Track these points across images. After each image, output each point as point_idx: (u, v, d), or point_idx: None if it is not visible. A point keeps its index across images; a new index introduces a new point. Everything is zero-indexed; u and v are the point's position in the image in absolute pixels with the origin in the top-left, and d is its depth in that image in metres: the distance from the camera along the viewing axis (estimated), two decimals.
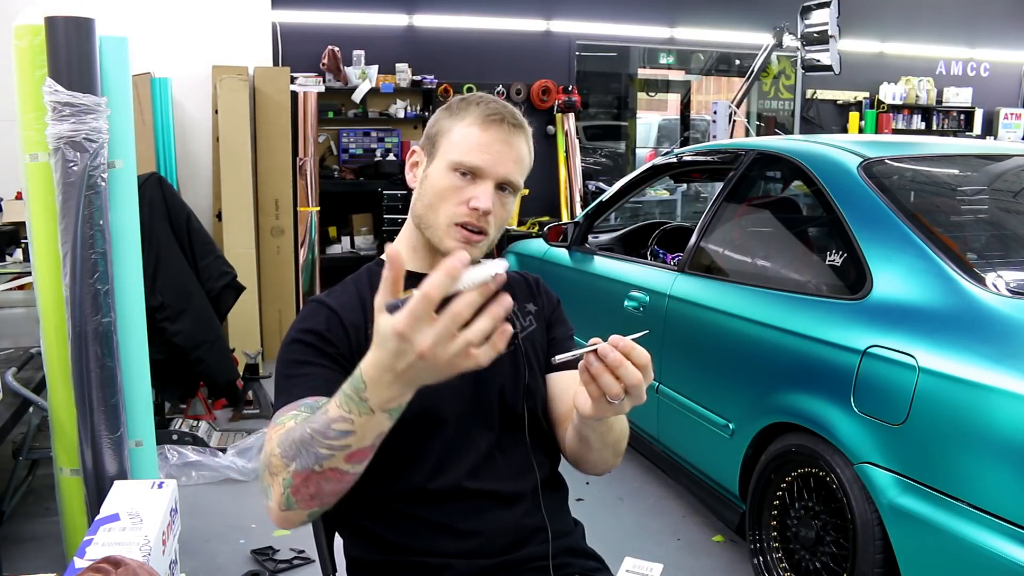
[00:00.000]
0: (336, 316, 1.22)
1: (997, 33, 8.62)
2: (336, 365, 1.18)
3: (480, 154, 1.21)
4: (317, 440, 0.97)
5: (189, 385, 3.86)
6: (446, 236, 1.23)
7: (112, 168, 2.24)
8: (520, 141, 1.25)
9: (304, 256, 5.37)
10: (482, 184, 1.22)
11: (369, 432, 0.96)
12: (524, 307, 1.37)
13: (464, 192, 1.22)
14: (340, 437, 0.96)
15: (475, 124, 1.23)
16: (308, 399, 1.13)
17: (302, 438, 0.99)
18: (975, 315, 1.93)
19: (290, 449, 1.00)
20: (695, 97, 8.95)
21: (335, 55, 5.81)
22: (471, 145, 1.22)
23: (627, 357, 1.00)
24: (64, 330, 2.22)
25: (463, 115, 1.25)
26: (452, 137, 1.24)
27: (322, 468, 0.98)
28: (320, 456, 0.97)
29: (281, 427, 1.08)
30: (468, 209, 1.21)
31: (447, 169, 1.23)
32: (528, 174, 1.29)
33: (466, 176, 1.22)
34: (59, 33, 2.11)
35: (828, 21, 5.93)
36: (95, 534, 1.21)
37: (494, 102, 1.26)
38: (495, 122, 1.22)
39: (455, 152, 1.22)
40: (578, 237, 3.82)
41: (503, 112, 1.24)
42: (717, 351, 2.70)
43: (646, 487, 3.35)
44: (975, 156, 2.95)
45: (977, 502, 1.75)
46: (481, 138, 1.22)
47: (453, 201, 1.22)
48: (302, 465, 0.99)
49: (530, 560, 1.24)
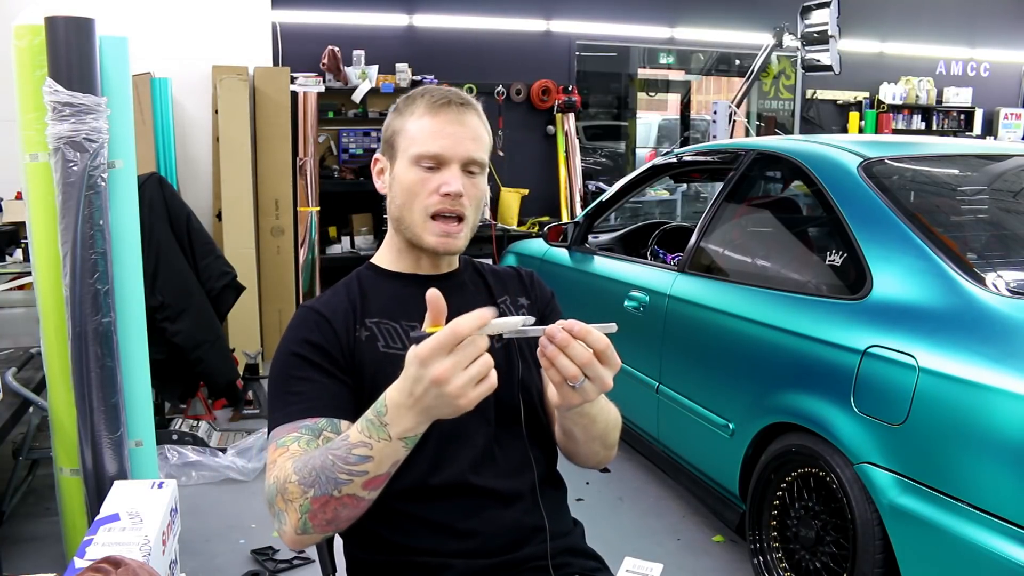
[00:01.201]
0: (327, 322, 1.23)
1: (997, 33, 8.62)
2: (331, 375, 1.20)
3: (437, 140, 1.23)
4: (338, 466, 1.01)
5: (189, 385, 3.86)
6: (424, 232, 1.25)
7: (112, 168, 2.24)
8: (472, 119, 1.26)
9: (304, 256, 5.37)
10: (447, 169, 1.23)
11: (386, 459, 1.01)
12: (517, 301, 1.38)
13: (432, 182, 1.23)
14: (359, 462, 1.00)
15: (425, 114, 1.25)
16: (307, 420, 1.15)
17: (323, 464, 1.03)
18: (975, 315, 1.93)
19: (309, 476, 1.03)
20: (695, 97, 8.94)
21: (335, 55, 5.80)
22: (427, 135, 1.23)
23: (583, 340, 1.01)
24: (64, 330, 2.22)
25: (412, 109, 1.27)
26: (407, 133, 1.26)
27: (340, 494, 1.02)
28: (340, 482, 1.01)
29: (285, 450, 1.11)
30: (440, 196, 1.23)
31: (410, 165, 1.25)
32: (490, 152, 1.31)
33: (431, 167, 1.24)
34: (59, 33, 2.11)
35: (828, 21, 5.93)
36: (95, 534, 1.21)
37: (438, 89, 1.28)
38: (443, 106, 1.24)
39: (414, 146, 1.24)
40: (578, 237, 3.82)
41: (448, 95, 1.26)
42: (717, 351, 2.70)
43: (646, 487, 3.35)
44: (975, 156, 2.95)
45: (977, 502, 1.75)
46: (434, 125, 1.23)
47: (423, 193, 1.24)
48: (321, 491, 1.02)
49: (529, 560, 1.24)
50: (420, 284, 1.31)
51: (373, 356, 1.23)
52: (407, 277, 1.32)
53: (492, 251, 6.06)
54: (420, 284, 1.31)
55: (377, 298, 1.28)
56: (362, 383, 1.22)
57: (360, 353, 1.22)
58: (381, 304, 1.28)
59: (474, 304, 1.33)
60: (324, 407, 1.17)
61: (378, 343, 1.24)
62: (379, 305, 1.28)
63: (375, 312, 1.27)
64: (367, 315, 1.26)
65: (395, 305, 1.28)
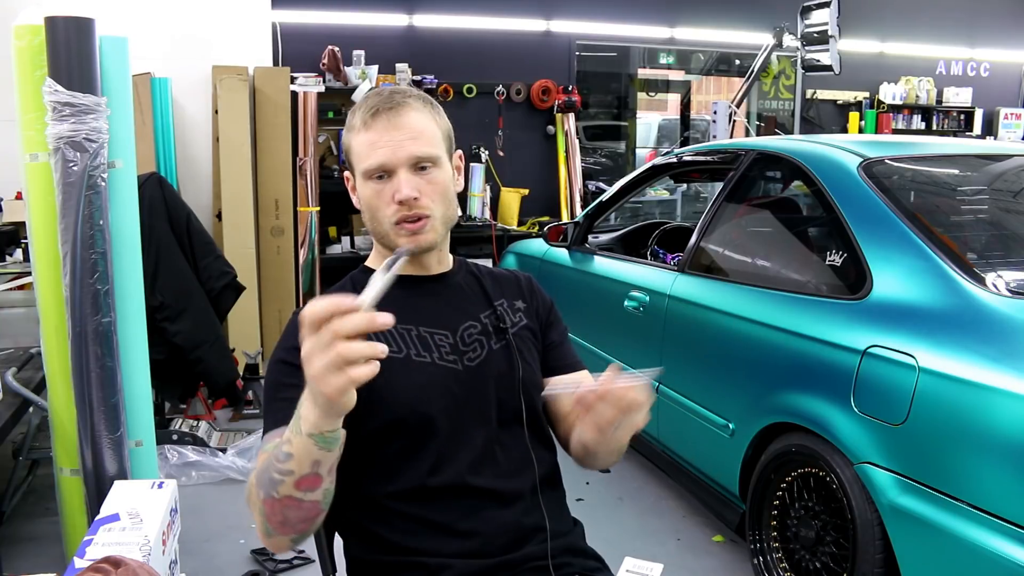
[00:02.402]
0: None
1: (997, 33, 8.62)
2: None
3: (375, 152, 1.23)
4: (272, 465, 1.02)
5: (189, 385, 3.85)
6: (395, 237, 1.26)
7: (112, 168, 2.24)
8: (408, 117, 1.25)
9: (304, 256, 5.36)
10: (396, 177, 1.24)
11: (305, 457, 0.98)
12: (513, 304, 1.38)
13: (385, 193, 1.24)
14: (285, 460, 1.00)
15: (362, 128, 1.25)
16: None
17: (266, 465, 1.04)
18: (975, 315, 1.93)
19: (259, 478, 1.05)
20: (695, 97, 8.94)
21: (335, 55, 5.80)
22: (367, 148, 1.24)
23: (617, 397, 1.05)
24: (64, 330, 2.22)
25: (352, 124, 1.28)
26: (354, 151, 1.27)
27: (279, 495, 1.02)
28: (275, 482, 1.01)
29: (267, 455, 1.10)
30: (396, 205, 1.23)
31: (364, 180, 1.26)
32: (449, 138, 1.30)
33: (382, 177, 1.24)
34: (59, 33, 2.11)
35: (828, 21, 5.92)
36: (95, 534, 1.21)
37: (373, 96, 1.27)
38: (374, 116, 1.24)
39: (360, 162, 1.26)
40: (578, 237, 3.82)
41: (377, 104, 1.25)
42: (717, 351, 2.70)
43: (646, 487, 3.35)
44: (975, 156, 2.95)
45: (977, 502, 1.75)
46: (370, 137, 1.24)
47: (382, 205, 1.25)
48: (265, 493, 1.04)
49: (529, 560, 1.24)
50: (416, 285, 1.31)
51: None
52: (402, 279, 1.32)
53: (492, 251, 6.06)
54: (416, 285, 1.31)
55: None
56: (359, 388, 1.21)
57: None
58: (377, 307, 1.27)
59: (468, 305, 1.34)
60: None
61: None
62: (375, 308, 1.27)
63: None
64: None
65: (391, 307, 1.27)
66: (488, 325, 1.32)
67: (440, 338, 1.28)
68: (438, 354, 1.26)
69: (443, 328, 1.29)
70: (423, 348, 1.26)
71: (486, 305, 1.35)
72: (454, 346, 1.28)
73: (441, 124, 1.29)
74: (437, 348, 1.27)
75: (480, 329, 1.31)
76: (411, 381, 1.23)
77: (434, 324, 1.29)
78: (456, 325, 1.30)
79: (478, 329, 1.31)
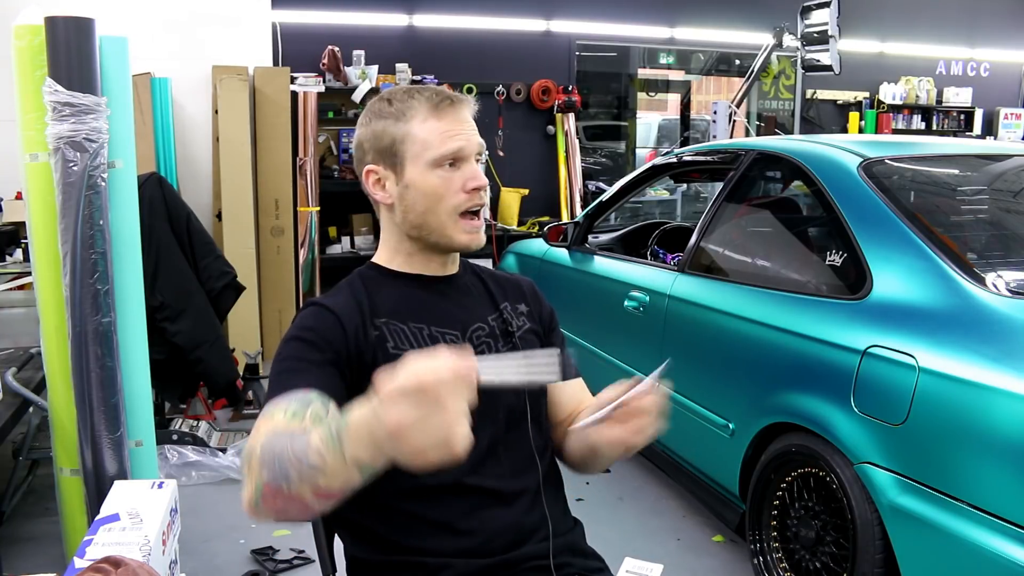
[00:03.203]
0: (336, 318, 1.22)
1: (997, 33, 8.61)
2: (334, 368, 1.18)
3: (453, 140, 1.24)
4: (292, 462, 0.94)
5: (189, 385, 3.85)
6: (455, 232, 1.26)
7: (112, 168, 2.24)
8: (468, 111, 1.29)
9: (304, 256, 5.36)
10: (466, 164, 1.25)
11: (337, 477, 0.93)
12: (516, 307, 1.39)
13: (455, 180, 1.24)
14: (311, 470, 0.93)
15: (430, 116, 1.25)
16: (299, 392, 1.10)
17: (282, 453, 0.95)
18: (975, 315, 1.93)
19: (268, 458, 0.96)
20: (695, 97, 8.95)
21: (335, 55, 5.80)
22: (440, 136, 1.24)
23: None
24: (64, 330, 2.22)
25: (411, 114, 1.25)
26: (415, 139, 1.24)
27: (289, 491, 0.95)
28: (290, 478, 0.94)
29: (270, 419, 1.05)
30: (467, 193, 1.24)
31: (430, 169, 1.24)
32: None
33: (451, 165, 1.25)
34: (59, 33, 2.11)
35: (828, 21, 5.92)
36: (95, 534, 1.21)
37: (426, 89, 1.29)
38: (446, 106, 1.25)
39: (429, 150, 1.24)
40: (578, 237, 3.81)
41: (444, 93, 1.27)
42: (717, 351, 2.70)
43: (646, 487, 3.34)
44: (975, 156, 2.95)
45: (977, 502, 1.75)
46: (443, 125, 1.24)
47: (450, 193, 1.24)
48: (272, 479, 0.95)
49: (530, 559, 1.24)
50: (426, 285, 1.31)
51: (384, 356, 1.22)
52: (412, 278, 1.32)
53: (492, 251, 6.06)
54: (426, 285, 1.31)
55: (384, 298, 1.28)
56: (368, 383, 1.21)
57: (369, 353, 1.22)
58: (389, 305, 1.27)
59: (475, 306, 1.34)
60: (318, 384, 1.13)
61: (387, 344, 1.23)
62: (387, 306, 1.27)
63: (383, 312, 1.26)
64: (376, 315, 1.25)
65: (403, 306, 1.28)
66: (495, 328, 1.33)
67: (451, 338, 1.28)
68: None
69: (453, 328, 1.29)
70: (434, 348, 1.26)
71: (492, 308, 1.35)
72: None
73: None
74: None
75: (488, 331, 1.31)
76: None
77: (444, 324, 1.28)
78: (465, 327, 1.30)
79: (486, 331, 1.31)
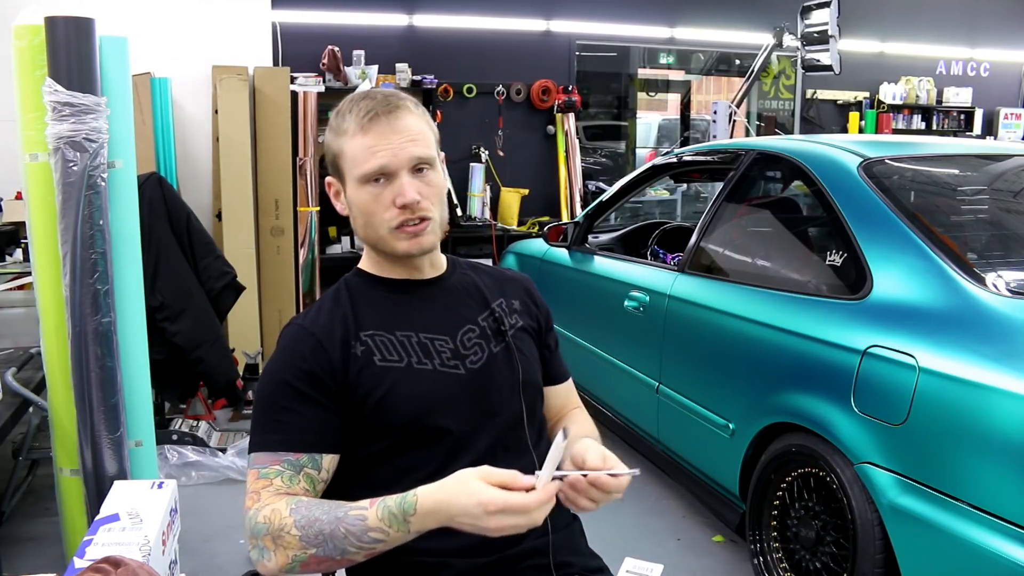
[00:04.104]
0: (319, 345, 1.22)
1: (997, 33, 8.61)
2: (318, 405, 1.20)
3: (377, 156, 1.21)
4: (350, 540, 1.07)
5: (189, 385, 3.85)
6: (394, 242, 1.24)
7: (112, 168, 2.24)
8: (405, 120, 1.23)
9: (304, 256, 5.36)
10: (397, 180, 1.22)
11: (398, 543, 1.08)
12: (511, 304, 1.38)
13: (385, 196, 1.22)
14: (372, 543, 1.07)
15: (357, 132, 1.22)
16: (289, 455, 1.17)
17: (332, 533, 1.07)
18: (975, 315, 1.93)
19: (314, 537, 1.08)
20: (695, 97, 8.94)
21: (335, 55, 5.80)
22: (364, 152, 1.21)
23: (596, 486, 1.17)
24: (64, 330, 2.22)
25: (344, 128, 1.24)
26: (347, 156, 1.24)
27: (342, 558, 1.09)
28: (347, 552, 1.08)
29: (268, 482, 1.15)
30: (398, 210, 1.22)
31: (360, 185, 1.23)
32: (438, 141, 1.29)
33: (379, 181, 1.22)
34: (59, 33, 2.11)
35: (828, 21, 5.92)
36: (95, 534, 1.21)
37: (364, 99, 1.25)
38: (372, 119, 1.22)
39: (356, 167, 1.23)
40: (578, 237, 3.81)
41: (374, 107, 1.23)
42: (717, 351, 2.70)
43: (646, 487, 3.34)
44: (975, 156, 2.95)
45: (977, 502, 1.75)
46: (368, 141, 1.21)
47: (381, 209, 1.23)
48: (324, 553, 1.08)
49: (529, 558, 1.24)
50: (409, 290, 1.31)
51: (370, 371, 1.22)
52: (396, 283, 1.31)
53: (492, 251, 6.06)
54: (409, 290, 1.31)
55: (369, 310, 1.27)
56: (359, 399, 1.21)
57: (355, 370, 1.22)
58: (374, 316, 1.27)
59: (464, 308, 1.33)
60: (306, 442, 1.18)
61: (374, 357, 1.23)
62: (372, 318, 1.27)
63: (369, 325, 1.25)
64: (361, 328, 1.25)
65: (389, 316, 1.27)
66: (487, 328, 1.32)
67: (440, 344, 1.27)
68: (439, 360, 1.25)
69: (442, 333, 1.28)
70: (424, 355, 1.25)
71: (483, 307, 1.34)
72: (455, 351, 1.27)
73: (432, 126, 1.29)
74: (438, 354, 1.26)
75: (479, 333, 1.31)
76: (413, 391, 1.22)
77: (433, 330, 1.27)
78: (455, 330, 1.29)
79: (477, 333, 1.30)
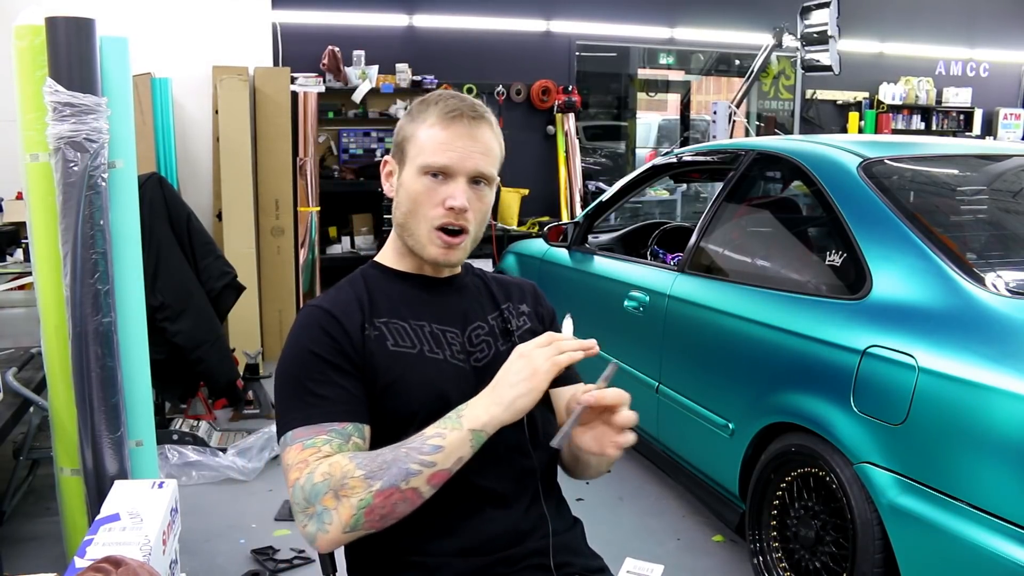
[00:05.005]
0: (336, 320, 1.23)
1: (997, 33, 8.62)
2: (350, 375, 1.20)
3: (446, 152, 1.22)
4: (411, 456, 1.09)
5: (189, 385, 3.85)
6: (428, 243, 1.25)
7: (112, 168, 2.24)
8: (484, 132, 1.25)
9: (304, 256, 5.36)
10: (454, 182, 1.23)
11: (455, 451, 1.10)
12: (518, 307, 1.40)
13: (438, 193, 1.23)
14: (432, 452, 1.09)
15: (436, 124, 1.24)
16: (335, 425, 1.16)
17: (395, 457, 1.10)
18: (975, 315, 1.93)
19: (378, 469, 1.09)
20: (695, 97, 8.94)
21: (335, 55, 5.80)
22: (436, 145, 1.23)
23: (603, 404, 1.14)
24: (64, 330, 2.22)
25: (424, 117, 1.26)
26: (417, 141, 1.25)
27: (407, 486, 1.09)
28: (410, 472, 1.08)
29: (316, 450, 1.13)
30: (444, 210, 1.23)
31: (418, 173, 1.24)
32: (501, 164, 1.30)
33: (437, 177, 1.23)
34: (59, 33, 2.11)
35: (828, 21, 5.93)
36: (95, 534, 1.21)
37: (453, 98, 1.26)
38: (455, 118, 1.23)
39: (422, 155, 1.24)
40: (578, 237, 3.82)
41: (461, 107, 1.24)
42: (717, 351, 2.70)
43: (646, 487, 3.35)
44: (975, 156, 2.95)
45: (977, 502, 1.75)
46: (444, 136, 1.23)
47: (429, 204, 1.24)
48: (388, 483, 1.08)
49: (530, 558, 1.24)
50: (426, 285, 1.32)
51: (383, 355, 1.23)
52: (413, 277, 1.33)
53: (492, 251, 6.06)
54: (426, 285, 1.32)
55: (385, 298, 1.29)
56: (373, 382, 1.22)
57: (370, 352, 1.23)
58: (389, 304, 1.28)
59: (476, 306, 1.35)
60: (349, 412, 1.18)
61: (387, 342, 1.24)
62: (387, 305, 1.28)
63: (384, 312, 1.27)
64: (376, 315, 1.26)
65: (403, 305, 1.29)
66: (496, 327, 1.34)
67: (451, 336, 1.29)
68: (449, 352, 1.27)
69: (453, 326, 1.30)
70: (435, 345, 1.27)
71: (493, 307, 1.36)
72: (463, 345, 1.29)
73: (502, 149, 1.30)
74: (448, 346, 1.28)
75: (487, 331, 1.32)
76: (424, 377, 1.23)
77: (445, 322, 1.29)
78: (465, 325, 1.31)
79: (485, 331, 1.32)
